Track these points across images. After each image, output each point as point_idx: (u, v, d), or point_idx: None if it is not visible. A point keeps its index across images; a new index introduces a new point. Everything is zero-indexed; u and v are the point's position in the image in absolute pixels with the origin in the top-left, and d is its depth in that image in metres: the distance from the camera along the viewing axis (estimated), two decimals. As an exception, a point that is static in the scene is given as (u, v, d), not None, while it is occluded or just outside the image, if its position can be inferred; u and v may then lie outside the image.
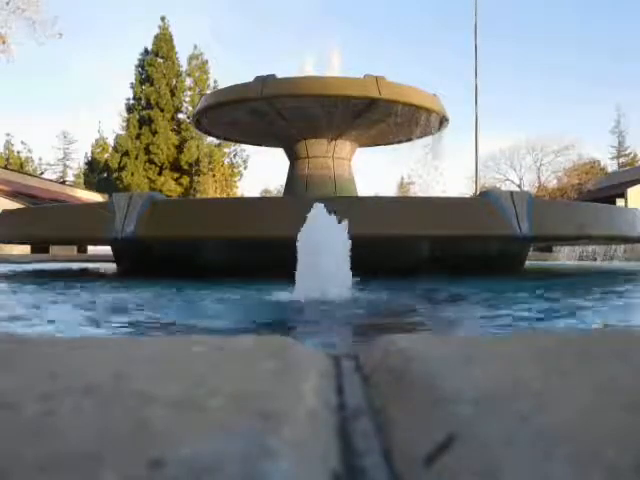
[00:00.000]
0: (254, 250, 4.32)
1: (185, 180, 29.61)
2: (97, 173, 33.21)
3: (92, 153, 34.56)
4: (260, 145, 9.40)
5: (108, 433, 0.38)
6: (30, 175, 30.48)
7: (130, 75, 31.08)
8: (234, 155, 31.02)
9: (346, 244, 2.58)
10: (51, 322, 2.12)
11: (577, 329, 1.94)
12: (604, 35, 67.80)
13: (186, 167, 29.42)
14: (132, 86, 30.64)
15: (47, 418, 0.40)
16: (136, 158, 29.33)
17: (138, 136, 29.57)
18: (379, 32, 78.90)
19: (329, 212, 2.66)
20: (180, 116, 30.36)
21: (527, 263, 5.96)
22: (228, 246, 4.59)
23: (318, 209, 2.66)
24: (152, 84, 29.83)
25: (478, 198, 5.51)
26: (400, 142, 8.47)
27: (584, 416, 0.40)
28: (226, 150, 30.25)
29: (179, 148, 29.54)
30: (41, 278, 5.10)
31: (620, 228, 5.10)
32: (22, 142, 43.67)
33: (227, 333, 1.89)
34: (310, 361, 0.65)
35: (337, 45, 8.45)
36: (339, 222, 2.63)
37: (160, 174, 29.51)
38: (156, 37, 30.43)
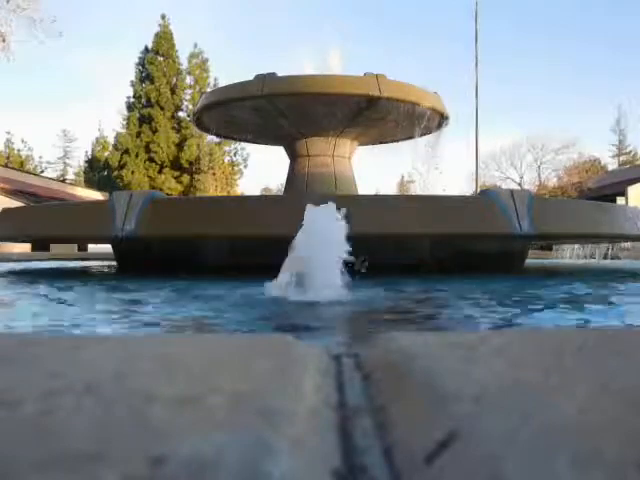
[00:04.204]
0: (255, 248, 4.32)
1: (185, 178, 29.60)
2: (97, 171, 33.22)
3: (92, 151, 34.57)
4: (260, 143, 9.38)
5: (108, 431, 0.38)
6: (30, 173, 30.49)
7: (130, 73, 31.09)
8: (234, 153, 31.02)
9: (343, 241, 2.57)
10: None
11: (577, 327, 1.94)
12: (606, 31, 67.74)
13: (186, 165, 29.40)
14: (132, 84, 30.62)
15: (47, 417, 0.40)
16: (136, 156, 29.32)
17: (138, 134, 29.56)
18: (378, 27, 78.81)
19: (327, 211, 2.65)
20: (180, 114, 30.35)
21: (527, 261, 5.96)
22: (229, 245, 4.59)
23: (312, 211, 2.66)
24: (152, 82, 29.81)
25: (478, 196, 5.51)
26: (401, 140, 8.46)
27: (585, 414, 0.40)
28: (226, 148, 30.23)
29: (179, 146, 29.53)
30: (35, 276, 5.11)
31: (621, 227, 5.10)
32: (22, 140, 43.71)
33: (227, 331, 1.89)
34: (310, 359, 0.65)
35: (337, 42, 8.43)
36: (338, 219, 2.63)
37: (160, 172, 29.51)
38: (156, 35, 30.40)
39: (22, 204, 14.76)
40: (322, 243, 2.55)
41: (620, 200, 23.56)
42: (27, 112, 71.84)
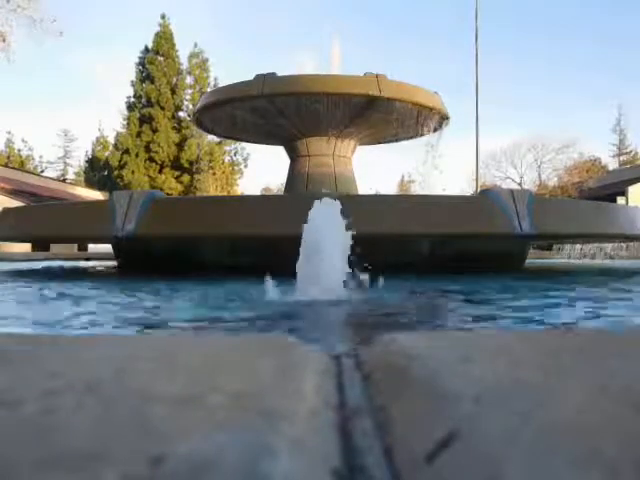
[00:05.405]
0: (255, 248, 4.32)
1: (186, 178, 29.60)
2: (98, 171, 33.22)
3: (93, 151, 34.57)
4: (260, 143, 9.39)
5: (109, 431, 0.38)
6: (31, 173, 30.50)
7: (131, 73, 31.08)
8: (234, 153, 31.03)
9: (346, 241, 2.58)
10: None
11: (577, 327, 1.94)
12: (606, 31, 67.68)
13: (187, 165, 29.40)
14: (132, 84, 30.63)
15: (48, 417, 0.40)
16: (137, 156, 29.32)
17: (139, 134, 29.56)
18: (378, 27, 78.81)
19: (332, 209, 2.66)
20: (180, 114, 30.34)
21: (528, 261, 5.96)
22: (229, 244, 4.59)
23: (318, 206, 2.66)
24: (152, 82, 29.81)
25: (478, 196, 5.51)
26: (401, 140, 8.46)
27: (585, 414, 0.40)
28: (226, 148, 30.23)
29: (179, 146, 29.53)
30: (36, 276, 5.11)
31: (621, 226, 5.10)
32: (23, 140, 43.75)
33: (227, 331, 1.89)
34: (310, 359, 0.65)
35: (337, 42, 8.43)
36: (340, 219, 2.63)
37: (161, 172, 29.52)
38: (156, 35, 30.40)
39: (22, 204, 14.77)
40: (326, 243, 2.55)
41: (620, 200, 23.54)
42: (27, 112, 71.82)
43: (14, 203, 15.34)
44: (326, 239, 2.59)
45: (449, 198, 5.02)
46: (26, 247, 13.90)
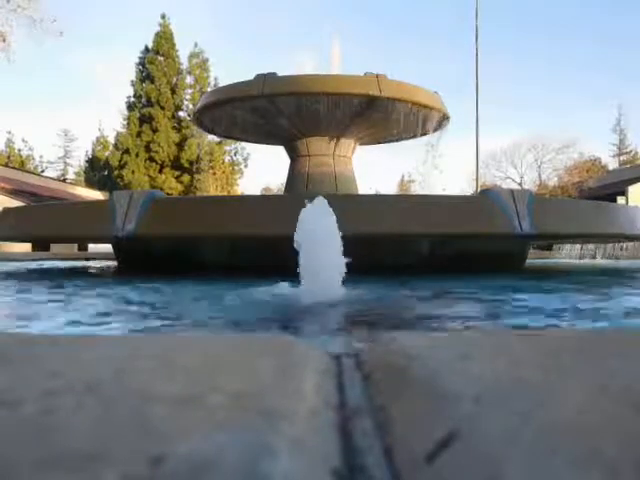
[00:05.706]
0: (255, 248, 4.32)
1: (186, 178, 29.60)
2: (98, 171, 33.23)
3: (93, 151, 34.59)
4: (261, 143, 9.38)
5: (109, 431, 0.38)
6: (31, 173, 30.50)
7: (131, 73, 31.08)
8: (235, 153, 31.05)
9: (339, 241, 2.57)
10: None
11: (577, 327, 1.94)
12: (606, 31, 67.67)
13: (187, 165, 29.40)
14: (132, 84, 30.64)
15: (48, 417, 0.40)
16: (137, 156, 29.33)
17: (139, 134, 29.56)
18: (378, 27, 78.80)
19: (326, 209, 2.65)
20: (181, 114, 30.35)
21: (528, 261, 5.96)
22: (229, 244, 4.59)
23: (314, 205, 2.65)
24: (153, 82, 29.82)
25: (478, 196, 5.51)
26: (401, 140, 8.46)
27: (585, 414, 0.40)
28: (227, 148, 30.24)
29: (180, 146, 29.54)
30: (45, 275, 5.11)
31: (621, 226, 5.10)
32: (23, 140, 43.81)
33: (227, 331, 1.89)
34: (311, 359, 0.65)
35: (337, 42, 8.43)
36: (334, 219, 2.62)
37: (161, 172, 29.52)
38: (156, 35, 30.40)
39: (22, 204, 14.76)
40: (320, 242, 2.55)
41: (620, 200, 23.53)
42: (27, 112, 71.81)
43: (14, 203, 15.34)
44: (322, 239, 2.59)
45: (449, 198, 5.01)
46: (26, 247, 13.89)
